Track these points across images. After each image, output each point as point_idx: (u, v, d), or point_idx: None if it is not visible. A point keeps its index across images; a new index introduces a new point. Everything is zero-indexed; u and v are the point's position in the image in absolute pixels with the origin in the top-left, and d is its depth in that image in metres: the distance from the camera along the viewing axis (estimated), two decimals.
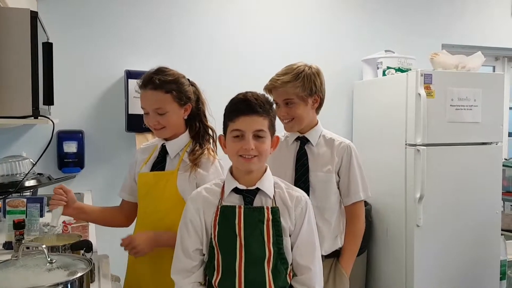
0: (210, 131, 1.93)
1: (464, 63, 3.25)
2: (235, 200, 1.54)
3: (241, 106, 1.50)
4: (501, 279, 3.38)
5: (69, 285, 1.21)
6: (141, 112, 2.94)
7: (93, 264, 1.44)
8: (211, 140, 1.92)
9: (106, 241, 2.09)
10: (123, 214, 1.98)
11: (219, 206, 1.54)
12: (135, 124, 2.99)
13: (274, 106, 1.66)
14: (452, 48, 4.00)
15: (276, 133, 1.73)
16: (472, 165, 3.19)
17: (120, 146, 3.18)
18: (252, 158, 1.49)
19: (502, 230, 3.43)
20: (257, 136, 1.49)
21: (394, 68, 3.39)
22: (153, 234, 1.76)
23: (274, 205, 1.53)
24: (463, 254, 3.16)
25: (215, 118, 2.30)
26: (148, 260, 1.81)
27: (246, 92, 1.54)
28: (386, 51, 3.56)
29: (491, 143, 3.28)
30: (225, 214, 1.52)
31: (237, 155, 1.50)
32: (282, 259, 1.51)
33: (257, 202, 1.53)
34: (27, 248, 1.46)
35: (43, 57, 1.84)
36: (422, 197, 2.99)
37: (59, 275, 1.26)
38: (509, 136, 4.61)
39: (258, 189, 1.54)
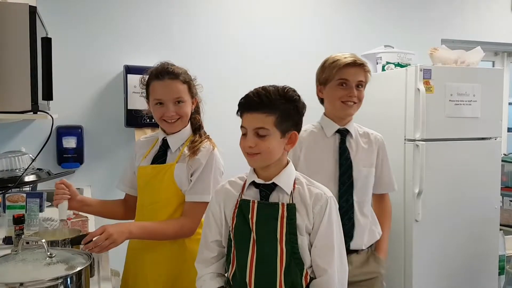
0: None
1: (464, 58, 3.25)
2: (253, 194, 1.52)
3: (244, 102, 1.48)
4: (499, 274, 3.39)
5: (68, 279, 1.22)
6: (140, 107, 2.95)
7: (93, 258, 1.44)
8: (205, 133, 1.96)
9: None
10: (125, 206, 2.01)
11: (239, 200, 1.53)
12: (134, 119, 2.99)
13: (295, 99, 1.50)
14: (451, 43, 3.99)
15: (305, 124, 1.72)
16: (471, 160, 3.19)
17: (119, 141, 3.18)
18: (255, 156, 1.46)
19: (500, 225, 3.44)
20: (258, 134, 1.45)
21: (393, 63, 3.38)
22: (127, 224, 1.74)
23: (291, 202, 1.48)
24: (461, 249, 3.16)
25: (213, 114, 2.31)
26: (146, 251, 1.84)
27: (257, 88, 1.49)
28: (385, 46, 3.55)
29: (490, 138, 3.28)
30: (242, 208, 1.51)
31: (244, 152, 1.49)
32: (297, 259, 1.45)
33: (274, 198, 1.49)
34: (27, 242, 1.47)
35: (42, 52, 1.84)
36: (421, 192, 2.99)
37: (58, 269, 1.26)
38: (508, 131, 4.62)
39: (275, 184, 1.49)
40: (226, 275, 1.57)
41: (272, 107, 1.44)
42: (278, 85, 1.50)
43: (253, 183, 1.52)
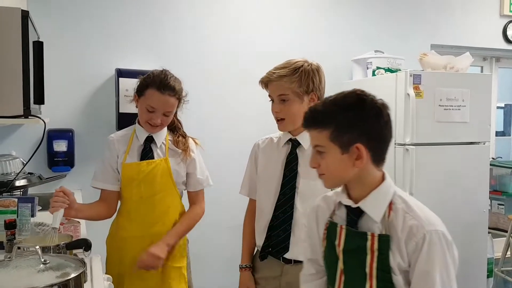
0: (179, 124, 2.16)
1: (453, 64, 3.29)
2: (344, 216, 1.33)
3: (302, 121, 1.36)
4: (488, 276, 3.43)
5: (62, 286, 1.22)
6: (132, 111, 2.96)
7: (86, 264, 1.43)
8: (184, 132, 2.16)
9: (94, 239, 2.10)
10: (106, 205, 2.09)
11: (329, 220, 1.36)
12: (125, 122, 2.94)
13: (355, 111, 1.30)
14: (441, 48, 4.04)
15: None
16: (460, 165, 3.23)
17: (105, 145, 3.16)
18: (321, 176, 1.32)
19: (489, 228, 3.49)
20: (317, 151, 1.31)
21: (383, 68, 3.42)
22: (162, 239, 1.98)
23: (384, 232, 1.23)
24: None
25: (204, 116, 2.34)
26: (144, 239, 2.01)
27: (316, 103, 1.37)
28: (375, 51, 3.59)
29: (479, 142, 3.32)
30: (330, 231, 1.34)
31: None
32: None
33: (363, 224, 1.27)
34: (18, 248, 1.46)
35: (33, 56, 1.83)
36: (411, 196, 3.01)
37: (52, 276, 1.26)
38: (496, 135, 4.68)
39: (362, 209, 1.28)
40: None
41: (325, 121, 1.27)
42: (341, 92, 1.33)
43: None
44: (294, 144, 1.88)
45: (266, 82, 1.87)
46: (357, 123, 1.26)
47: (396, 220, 1.23)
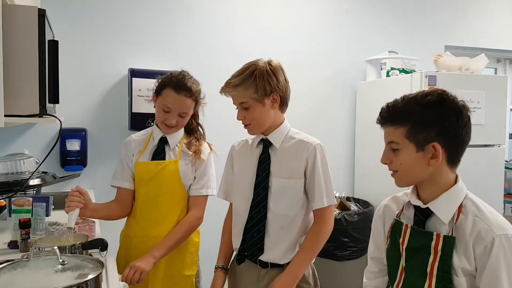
0: (200, 128, 2.16)
1: (468, 65, 3.26)
2: (411, 216, 1.33)
3: (378, 116, 1.37)
4: None
5: (81, 287, 1.20)
6: (145, 110, 2.99)
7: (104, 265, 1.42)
8: (201, 135, 2.15)
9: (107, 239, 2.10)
10: (121, 204, 2.09)
11: (395, 219, 1.37)
12: (138, 122, 2.98)
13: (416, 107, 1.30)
14: (454, 49, 4.00)
15: (243, 137, 1.74)
16: (475, 167, 3.18)
17: (122, 145, 3.16)
18: (394, 173, 1.32)
19: None
20: (391, 148, 1.30)
21: (398, 69, 3.38)
22: (149, 253, 1.90)
23: (451, 234, 1.22)
24: None
25: (219, 117, 2.34)
26: (149, 239, 1.99)
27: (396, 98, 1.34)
28: (389, 52, 3.56)
29: (494, 145, 3.28)
30: (395, 230, 1.35)
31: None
32: None
33: (431, 225, 1.27)
34: (38, 249, 1.45)
35: (48, 55, 1.82)
36: None
37: (70, 277, 1.24)
38: (510, 138, 4.62)
39: (431, 210, 1.27)
40: None
41: (403, 117, 1.27)
42: (422, 90, 1.31)
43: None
44: (266, 144, 1.87)
45: (224, 93, 1.85)
46: (436, 122, 1.25)
47: (465, 223, 1.22)
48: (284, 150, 1.84)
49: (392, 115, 1.30)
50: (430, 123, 1.25)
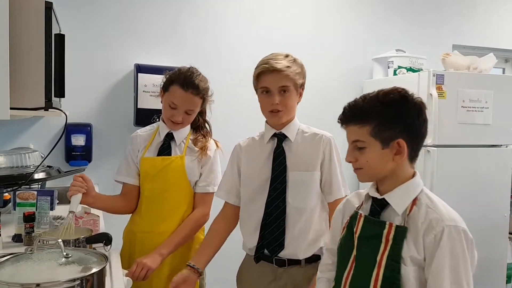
0: (207, 125, 2.15)
1: (476, 65, 3.23)
2: (369, 208, 1.36)
3: (340, 116, 1.40)
4: (507, 282, 3.37)
5: (85, 281, 1.20)
6: (150, 106, 2.98)
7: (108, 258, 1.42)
8: (208, 132, 2.14)
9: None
10: (125, 199, 2.09)
11: (354, 211, 1.41)
12: (143, 118, 2.97)
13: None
14: (462, 49, 3.97)
15: (251, 134, 1.75)
16: (482, 168, 3.17)
17: (128, 140, 3.15)
18: (358, 170, 1.35)
19: (509, 233, 3.42)
20: (357, 147, 1.33)
21: (405, 68, 3.36)
22: (156, 250, 1.91)
23: (403, 224, 1.26)
24: None
25: (225, 112, 2.31)
26: (153, 234, 1.99)
27: (356, 98, 1.37)
28: (397, 50, 3.53)
29: (501, 145, 3.26)
30: (352, 221, 1.39)
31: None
32: None
33: (385, 216, 1.31)
34: (43, 242, 1.45)
35: (55, 48, 1.82)
36: None
37: (74, 270, 1.24)
38: None
39: (386, 202, 1.31)
40: None
41: (367, 116, 1.30)
42: (381, 90, 1.34)
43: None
44: (280, 138, 1.86)
45: (267, 72, 1.79)
46: (400, 119, 1.29)
47: (418, 214, 1.26)
48: (299, 144, 1.85)
49: (356, 114, 1.32)
50: (394, 120, 1.29)
